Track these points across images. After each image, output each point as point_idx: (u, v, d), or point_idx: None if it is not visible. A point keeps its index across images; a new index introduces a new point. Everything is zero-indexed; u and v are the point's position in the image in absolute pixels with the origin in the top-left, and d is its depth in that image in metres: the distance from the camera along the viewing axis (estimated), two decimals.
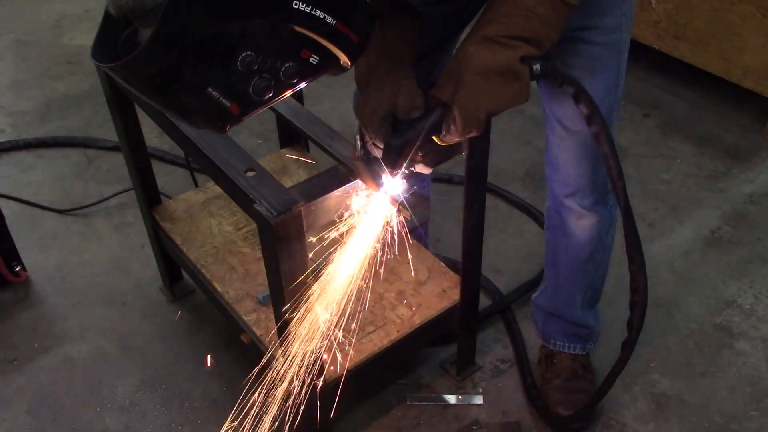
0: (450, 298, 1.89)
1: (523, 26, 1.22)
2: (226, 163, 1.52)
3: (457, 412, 2.01)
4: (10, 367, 2.16)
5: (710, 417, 1.99)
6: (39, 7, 4.04)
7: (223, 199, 2.17)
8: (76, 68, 3.52)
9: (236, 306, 1.88)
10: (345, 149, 1.56)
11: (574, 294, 1.93)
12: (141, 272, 2.44)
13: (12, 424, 2.02)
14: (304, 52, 1.09)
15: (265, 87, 1.07)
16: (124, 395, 2.08)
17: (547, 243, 1.94)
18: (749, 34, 2.83)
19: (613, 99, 1.61)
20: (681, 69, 3.17)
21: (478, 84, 1.22)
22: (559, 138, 1.67)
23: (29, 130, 3.12)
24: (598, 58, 1.54)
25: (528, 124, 3.03)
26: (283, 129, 2.32)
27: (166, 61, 0.99)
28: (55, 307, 2.35)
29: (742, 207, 2.66)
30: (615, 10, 1.50)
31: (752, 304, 2.30)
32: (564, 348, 2.03)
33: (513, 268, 2.43)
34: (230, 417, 1.73)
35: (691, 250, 2.49)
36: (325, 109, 3.17)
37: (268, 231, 1.38)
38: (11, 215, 2.45)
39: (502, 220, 2.61)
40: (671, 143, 2.97)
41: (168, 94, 1.05)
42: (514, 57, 1.22)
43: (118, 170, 2.83)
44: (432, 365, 2.13)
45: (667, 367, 2.12)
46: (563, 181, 1.74)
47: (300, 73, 1.09)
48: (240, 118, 1.09)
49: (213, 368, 2.12)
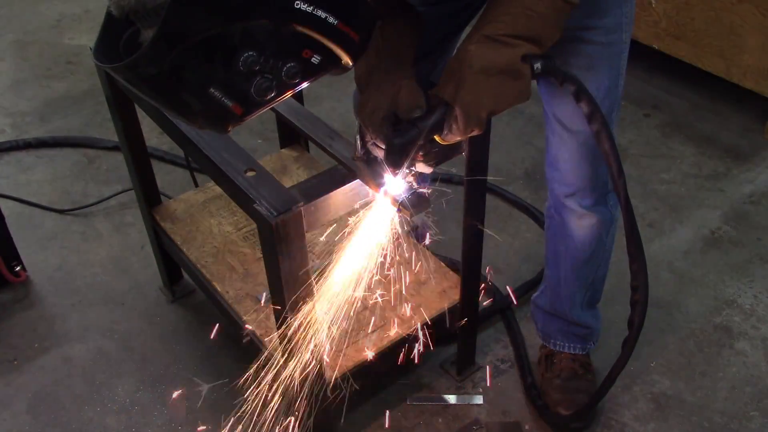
0: (450, 298, 1.89)
1: (524, 25, 1.22)
2: (226, 163, 1.52)
3: (457, 412, 2.01)
4: (10, 367, 2.16)
5: (710, 417, 1.99)
6: (39, 7, 4.04)
7: (223, 199, 2.17)
8: (76, 68, 3.52)
9: (236, 306, 1.88)
10: (345, 149, 1.56)
11: (574, 294, 1.93)
12: (141, 272, 2.44)
13: (12, 424, 2.02)
14: (305, 52, 1.09)
15: (267, 87, 1.07)
16: (124, 395, 2.08)
17: (547, 243, 1.94)
18: (749, 34, 2.83)
19: (613, 99, 1.61)
20: (681, 69, 3.17)
21: (479, 83, 1.22)
22: (559, 138, 1.67)
23: (29, 130, 3.12)
24: (598, 58, 1.54)
25: (528, 124, 3.03)
26: (283, 129, 2.32)
27: (168, 61, 0.99)
28: (55, 307, 2.35)
29: (742, 207, 2.66)
30: (615, 10, 1.50)
31: (752, 304, 2.30)
32: (564, 348, 2.03)
33: (513, 268, 2.43)
34: (231, 418, 1.73)
35: (691, 250, 2.49)
36: (325, 109, 3.17)
37: (268, 231, 1.38)
38: (11, 215, 2.45)
39: (502, 220, 2.61)
40: (671, 143, 2.97)
41: (170, 95, 1.05)
42: (515, 56, 1.22)
43: (118, 170, 2.83)
44: (432, 365, 2.13)
45: (667, 367, 2.12)
46: (563, 181, 1.74)
47: (302, 73, 1.09)
48: (242, 118, 1.09)
49: (213, 368, 2.12)
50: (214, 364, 2.15)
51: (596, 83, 1.51)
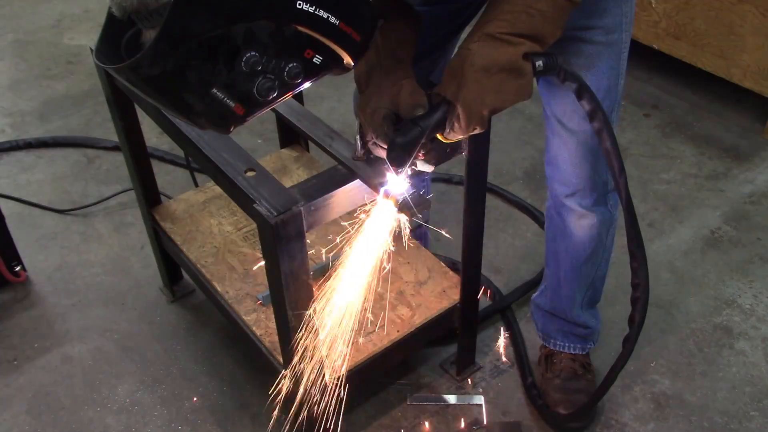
0: (450, 298, 1.89)
1: (525, 23, 1.22)
2: (226, 163, 1.52)
3: (457, 412, 2.01)
4: (10, 367, 2.16)
5: (710, 417, 1.99)
6: (39, 7, 4.04)
7: (223, 199, 2.17)
8: (76, 68, 3.52)
9: (236, 306, 1.88)
10: (345, 149, 1.56)
11: (574, 294, 1.93)
12: (141, 272, 2.44)
13: (12, 424, 2.02)
14: (307, 52, 1.09)
15: (269, 87, 1.07)
16: (124, 395, 2.08)
17: (547, 243, 1.94)
18: (749, 34, 2.83)
19: (613, 99, 1.61)
20: (681, 69, 3.17)
21: (481, 81, 1.23)
22: (559, 138, 1.67)
23: (29, 130, 3.12)
24: (598, 58, 1.54)
25: (528, 124, 3.03)
26: (283, 129, 2.32)
27: (170, 62, 0.99)
28: (55, 307, 2.35)
29: (742, 207, 2.66)
30: (615, 10, 1.50)
31: (752, 304, 2.30)
32: (564, 348, 2.03)
33: (513, 268, 2.43)
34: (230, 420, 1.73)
35: (691, 250, 2.49)
36: (325, 109, 3.18)
37: (268, 231, 1.38)
38: (11, 215, 2.45)
39: (502, 220, 2.61)
40: (671, 143, 2.97)
41: (172, 95, 1.05)
42: (516, 53, 1.23)
43: (118, 170, 2.83)
44: (432, 365, 2.13)
45: (667, 367, 2.12)
46: (563, 180, 1.74)
47: (304, 73, 1.10)
48: (244, 118, 1.09)
49: (213, 368, 2.12)
50: (214, 364, 2.15)
51: (596, 83, 1.52)
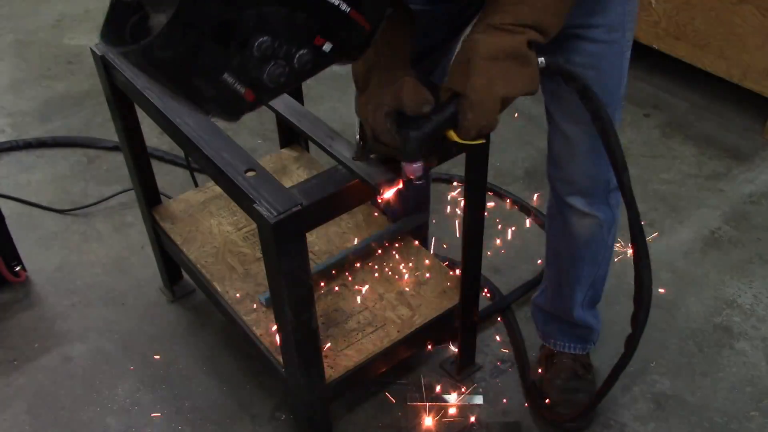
0: (450, 298, 1.89)
1: (528, 13, 1.23)
2: (226, 163, 1.52)
3: (457, 412, 2.01)
4: (10, 367, 2.16)
5: (710, 417, 1.99)
6: (39, 7, 4.04)
7: (223, 199, 2.17)
8: (76, 68, 3.52)
9: (236, 306, 1.88)
10: (345, 149, 1.56)
11: (574, 294, 1.93)
12: (141, 272, 2.44)
13: (12, 424, 2.02)
14: (317, 39, 1.09)
15: (279, 73, 1.07)
16: (124, 395, 2.08)
17: (548, 242, 1.94)
18: (749, 34, 2.83)
19: (615, 98, 1.60)
20: (681, 69, 3.17)
21: (488, 68, 1.23)
22: (560, 137, 1.67)
23: (29, 130, 3.12)
24: (600, 57, 1.53)
25: (528, 124, 3.03)
26: (283, 129, 2.31)
27: (182, 45, 0.99)
28: (55, 307, 2.35)
29: (742, 207, 2.66)
30: (617, 8, 1.50)
31: (752, 304, 2.30)
32: (564, 348, 2.03)
33: (513, 268, 2.43)
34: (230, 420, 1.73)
35: (691, 250, 2.49)
36: (325, 109, 3.17)
37: (268, 231, 1.38)
38: (11, 215, 2.45)
39: (502, 220, 2.61)
40: (671, 143, 2.97)
41: (182, 80, 1.05)
42: (521, 41, 1.24)
43: (118, 170, 2.83)
44: (432, 365, 2.13)
45: (667, 367, 2.12)
46: (565, 180, 1.73)
47: (313, 61, 1.10)
48: (254, 105, 1.09)
49: (213, 368, 2.12)
50: (214, 364, 2.14)
51: (598, 82, 1.51)
